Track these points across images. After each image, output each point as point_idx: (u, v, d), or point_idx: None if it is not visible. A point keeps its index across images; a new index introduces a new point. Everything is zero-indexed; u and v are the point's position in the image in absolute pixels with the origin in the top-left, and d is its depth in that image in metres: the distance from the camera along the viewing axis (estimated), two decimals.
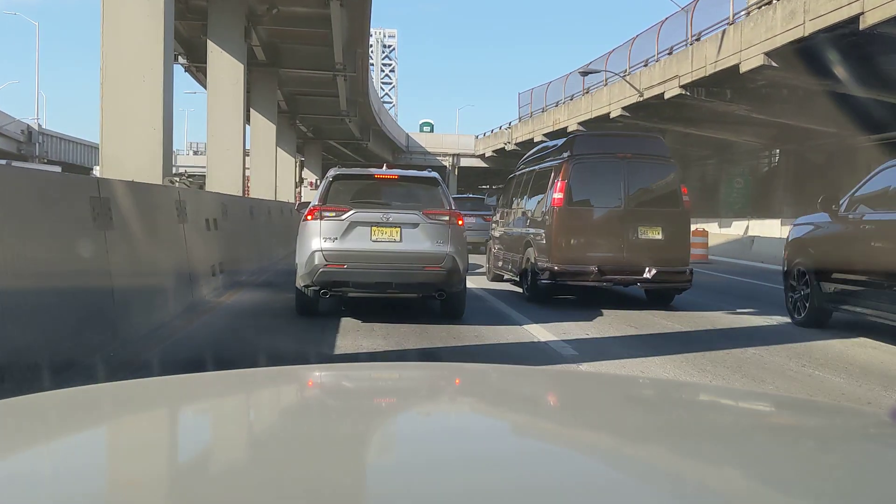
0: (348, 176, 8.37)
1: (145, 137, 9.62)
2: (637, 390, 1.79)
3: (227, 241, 10.61)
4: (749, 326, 8.64)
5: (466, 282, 8.29)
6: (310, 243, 7.58)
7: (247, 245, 12.58)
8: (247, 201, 15.75)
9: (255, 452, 1.13)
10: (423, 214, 7.70)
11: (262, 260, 13.57)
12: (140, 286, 6.61)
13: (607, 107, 28.44)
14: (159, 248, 7.50)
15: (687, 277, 9.81)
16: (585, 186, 9.89)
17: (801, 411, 1.56)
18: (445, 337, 7.09)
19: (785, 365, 6.32)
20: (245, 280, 11.21)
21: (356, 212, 7.63)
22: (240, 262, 11.39)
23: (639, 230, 9.70)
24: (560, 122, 33.60)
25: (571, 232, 9.74)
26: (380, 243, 7.55)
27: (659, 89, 23.95)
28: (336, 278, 7.57)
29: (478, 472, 1.00)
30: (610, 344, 7.20)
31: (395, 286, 7.77)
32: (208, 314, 8.02)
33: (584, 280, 9.70)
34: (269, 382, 1.66)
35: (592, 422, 1.36)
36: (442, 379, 1.78)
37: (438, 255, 7.60)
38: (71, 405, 1.36)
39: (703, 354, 6.68)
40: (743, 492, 0.98)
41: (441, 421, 1.38)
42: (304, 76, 27.26)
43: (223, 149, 16.81)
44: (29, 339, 4.54)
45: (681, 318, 9.03)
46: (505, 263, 11.68)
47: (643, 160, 9.95)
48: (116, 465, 1.08)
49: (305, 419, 1.35)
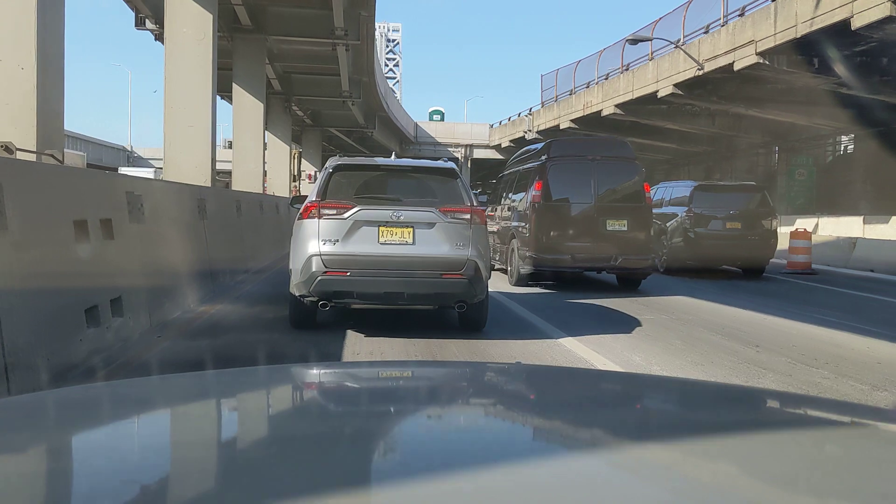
0: (352, 166, 7.03)
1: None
2: (638, 388, 1.77)
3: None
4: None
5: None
6: (306, 246, 6.40)
7: (225, 247, 9.32)
8: (224, 194, 11.77)
9: (256, 451, 1.12)
10: (441, 212, 6.57)
11: (241, 267, 9.58)
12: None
13: (654, 84, 24.28)
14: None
15: (650, 264, 11.34)
16: (561, 185, 11.05)
17: (802, 408, 1.57)
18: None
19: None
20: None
21: (361, 209, 6.46)
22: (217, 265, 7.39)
23: (607, 223, 10.93)
24: (592, 106, 29.45)
25: (549, 225, 10.94)
26: (389, 246, 6.45)
27: (725, 59, 19.79)
28: (337, 288, 6.42)
29: (479, 470, 0.99)
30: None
31: (407, 297, 6.57)
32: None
33: (559, 266, 10.99)
34: (269, 381, 1.66)
35: (598, 419, 1.36)
36: (443, 377, 1.81)
37: (459, 261, 6.50)
38: (70, 404, 1.36)
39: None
40: (745, 488, 0.97)
41: (442, 419, 1.36)
42: (298, 50, 23.23)
43: (184, 125, 12.75)
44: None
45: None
46: (494, 253, 12.11)
47: (611, 161, 11.25)
48: (115, 465, 1.04)
49: (306, 418, 1.35)
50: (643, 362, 5.94)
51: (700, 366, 5.88)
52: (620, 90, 27.02)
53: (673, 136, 32.21)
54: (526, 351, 6.25)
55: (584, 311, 8.83)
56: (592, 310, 8.99)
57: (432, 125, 47.02)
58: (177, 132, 12.74)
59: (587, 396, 1.55)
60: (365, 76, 27.48)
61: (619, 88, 27.14)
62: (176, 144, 12.75)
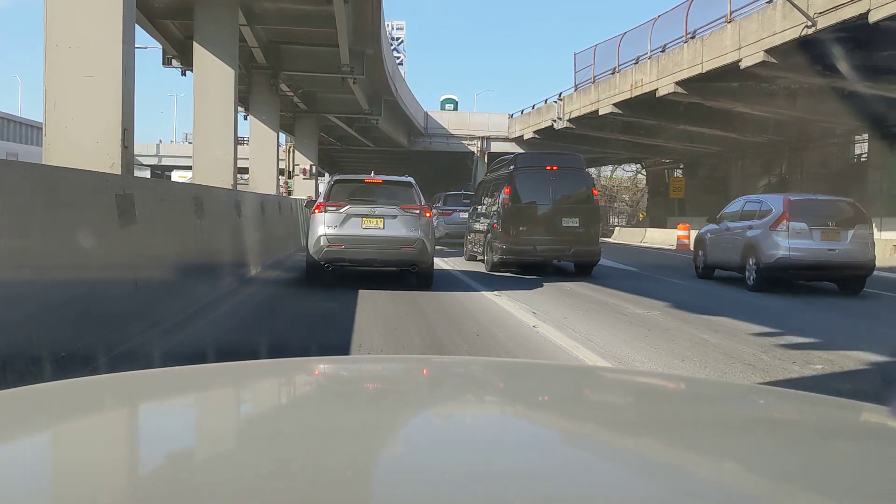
0: (345, 180, 11.21)
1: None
2: (639, 386, 1.79)
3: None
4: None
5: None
6: (317, 230, 10.05)
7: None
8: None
9: (258, 444, 1.10)
10: (401, 209, 10.16)
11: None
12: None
13: (734, 53, 19.23)
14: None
15: (596, 253, 13.68)
16: (525, 190, 13.66)
17: (802, 406, 1.55)
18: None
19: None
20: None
21: (351, 206, 10.10)
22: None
23: (562, 220, 13.41)
24: (644, 84, 24.40)
25: (516, 222, 13.44)
26: (368, 230, 10.03)
27: (854, 9, 14.74)
28: (336, 256, 10.06)
29: (481, 466, 0.99)
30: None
31: (379, 262, 10.36)
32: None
33: (525, 256, 13.50)
34: (273, 374, 1.66)
35: (598, 415, 1.37)
36: (444, 372, 1.83)
37: (411, 239, 10.06)
38: (72, 396, 1.34)
39: None
40: (744, 486, 0.97)
41: (444, 413, 1.38)
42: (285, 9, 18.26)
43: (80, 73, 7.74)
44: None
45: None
46: (475, 246, 15.65)
47: (565, 171, 13.90)
48: (117, 457, 1.05)
49: (308, 411, 1.35)
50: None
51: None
52: (684, 63, 21.95)
53: (733, 123, 27.13)
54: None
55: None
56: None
57: (444, 115, 41.73)
58: (61, 87, 7.70)
59: (588, 393, 1.60)
60: (369, 47, 22.41)
61: (682, 61, 22.08)
62: (62, 107, 7.73)
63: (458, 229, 20.34)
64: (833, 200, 12.36)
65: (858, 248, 11.27)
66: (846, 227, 11.36)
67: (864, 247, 11.34)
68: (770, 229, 11.47)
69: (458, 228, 20.51)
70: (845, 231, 11.32)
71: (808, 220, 11.28)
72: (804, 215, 11.33)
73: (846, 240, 11.26)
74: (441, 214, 22.77)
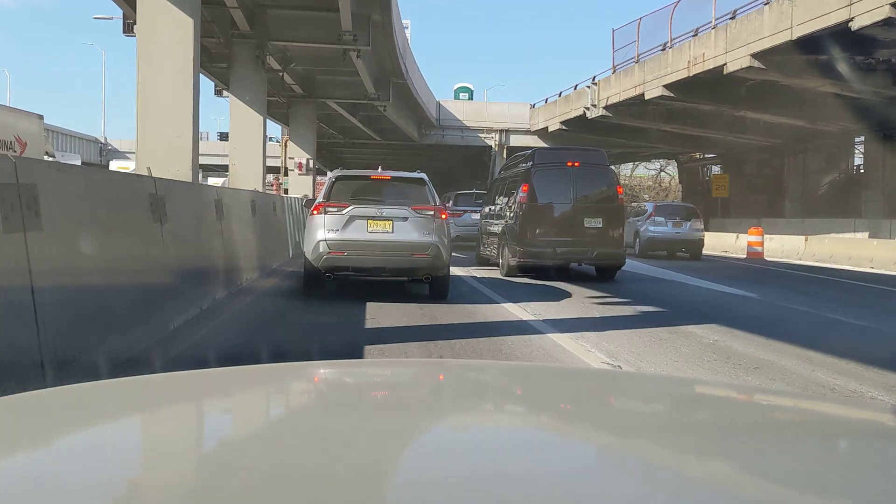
0: (348, 177, 9.53)
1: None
2: (640, 387, 1.77)
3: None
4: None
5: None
6: (315, 234, 8.76)
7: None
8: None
9: (260, 449, 1.08)
10: (412, 210, 8.83)
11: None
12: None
13: (843, 10, 15.11)
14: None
15: (621, 255, 13.01)
16: (544, 188, 12.84)
17: (805, 407, 1.55)
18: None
19: None
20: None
21: (354, 207, 8.81)
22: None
23: (584, 221, 12.72)
24: (707, 59, 20.28)
25: (534, 223, 12.72)
26: (375, 234, 8.74)
27: None
28: (337, 263, 8.75)
29: (482, 469, 0.98)
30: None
31: (387, 271, 9.01)
32: None
33: (543, 259, 12.57)
34: (274, 379, 1.64)
35: (612, 420, 1.34)
36: (447, 375, 1.80)
37: (425, 244, 8.76)
38: (75, 402, 1.33)
39: None
40: (748, 488, 0.96)
41: (453, 418, 1.35)
42: None
43: None
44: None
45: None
46: (488, 248, 14.66)
47: (587, 167, 13.09)
48: (121, 462, 1.02)
49: (311, 416, 1.33)
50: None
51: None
52: (764, 30, 17.83)
53: (804, 109, 23.03)
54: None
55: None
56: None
57: (459, 105, 37.47)
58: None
59: (602, 397, 1.57)
60: (376, 12, 18.34)
61: (762, 27, 17.96)
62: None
63: (470, 231, 19.03)
64: (680, 205, 22.47)
65: (692, 233, 20.57)
66: (686, 220, 20.76)
67: (695, 232, 20.61)
68: (645, 220, 20.85)
69: (470, 230, 19.13)
70: (686, 222, 20.65)
71: (665, 216, 20.80)
72: (663, 214, 20.92)
73: (685, 228, 20.57)
74: (451, 215, 19.17)
